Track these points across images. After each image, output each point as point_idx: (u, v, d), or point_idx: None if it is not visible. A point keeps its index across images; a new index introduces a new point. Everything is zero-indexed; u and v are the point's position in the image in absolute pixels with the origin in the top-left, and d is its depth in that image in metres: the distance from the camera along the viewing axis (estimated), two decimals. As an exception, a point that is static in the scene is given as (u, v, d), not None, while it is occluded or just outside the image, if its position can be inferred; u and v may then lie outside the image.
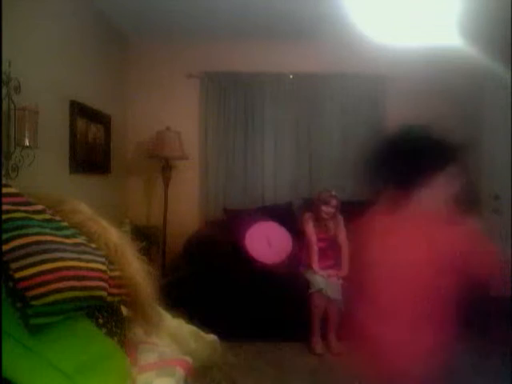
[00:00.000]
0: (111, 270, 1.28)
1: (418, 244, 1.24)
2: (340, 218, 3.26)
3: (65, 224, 1.27)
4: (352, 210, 3.73)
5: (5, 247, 1.04)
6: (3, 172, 2.16)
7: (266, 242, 3.22)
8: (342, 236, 3.20)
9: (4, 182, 1.28)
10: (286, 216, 3.70)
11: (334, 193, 3.24)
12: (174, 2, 3.34)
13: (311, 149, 4.22)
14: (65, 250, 1.15)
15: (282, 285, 3.07)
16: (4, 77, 2.14)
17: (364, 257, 1.41)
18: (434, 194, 1.29)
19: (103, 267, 1.24)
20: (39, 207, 1.22)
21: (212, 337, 1.79)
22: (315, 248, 3.19)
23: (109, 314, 1.33)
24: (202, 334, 1.75)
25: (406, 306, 1.26)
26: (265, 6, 3.35)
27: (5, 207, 1.10)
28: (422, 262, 1.22)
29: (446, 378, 1.35)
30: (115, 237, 1.37)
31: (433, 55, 3.95)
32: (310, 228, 3.24)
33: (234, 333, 2.50)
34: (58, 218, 1.27)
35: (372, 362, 1.36)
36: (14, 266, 1.03)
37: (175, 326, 1.68)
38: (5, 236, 1.05)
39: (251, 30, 3.93)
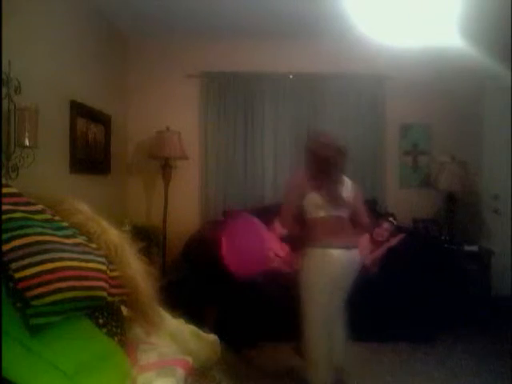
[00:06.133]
0: (111, 270, 1.28)
1: None
2: None
3: (65, 224, 1.27)
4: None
5: (5, 247, 1.04)
6: (3, 172, 2.15)
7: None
8: None
9: (4, 182, 1.28)
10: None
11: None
12: (174, 2, 3.34)
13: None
14: (65, 250, 1.15)
15: (282, 284, 3.06)
16: (4, 77, 2.14)
17: None
18: None
19: (103, 267, 1.24)
20: (39, 207, 1.22)
21: (212, 337, 1.79)
22: None
23: (109, 314, 1.33)
24: (202, 334, 1.75)
25: None
26: (265, 6, 3.35)
27: (5, 207, 1.10)
28: None
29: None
30: (115, 237, 1.37)
31: (433, 55, 3.96)
32: None
33: (233, 333, 2.50)
34: (57, 218, 1.27)
35: None
36: (14, 266, 1.03)
37: (175, 326, 1.68)
38: (5, 236, 1.05)
39: (251, 30, 3.93)
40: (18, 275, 1.02)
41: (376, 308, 3.08)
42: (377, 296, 3.12)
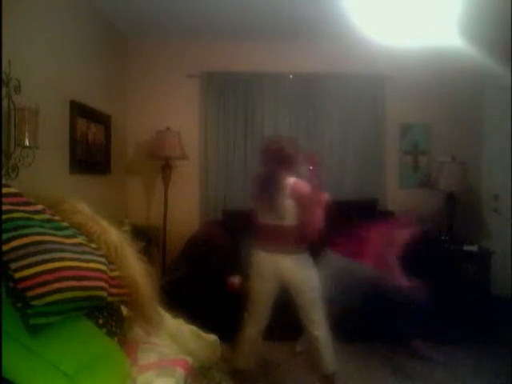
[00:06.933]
0: (111, 270, 1.28)
1: None
2: None
3: (65, 224, 1.27)
4: (350, 210, 3.72)
5: (5, 247, 1.04)
6: (3, 172, 2.15)
7: None
8: None
9: (4, 182, 1.28)
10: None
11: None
12: (174, 2, 3.34)
13: (311, 148, 4.21)
14: (65, 250, 1.15)
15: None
16: (4, 77, 2.14)
17: None
18: None
19: (103, 267, 1.24)
20: (39, 207, 1.22)
21: (212, 337, 1.79)
22: None
23: (109, 314, 1.33)
24: (203, 334, 1.75)
25: None
26: (265, 6, 3.35)
27: (5, 207, 1.10)
28: None
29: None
30: (115, 237, 1.37)
31: (433, 55, 3.96)
32: None
33: (233, 333, 2.50)
34: (57, 218, 1.27)
35: None
36: (13, 266, 1.03)
37: (175, 326, 1.68)
38: (5, 236, 1.05)
39: (251, 30, 3.92)
40: (17, 275, 1.02)
41: (376, 308, 3.08)
42: (377, 296, 3.11)
